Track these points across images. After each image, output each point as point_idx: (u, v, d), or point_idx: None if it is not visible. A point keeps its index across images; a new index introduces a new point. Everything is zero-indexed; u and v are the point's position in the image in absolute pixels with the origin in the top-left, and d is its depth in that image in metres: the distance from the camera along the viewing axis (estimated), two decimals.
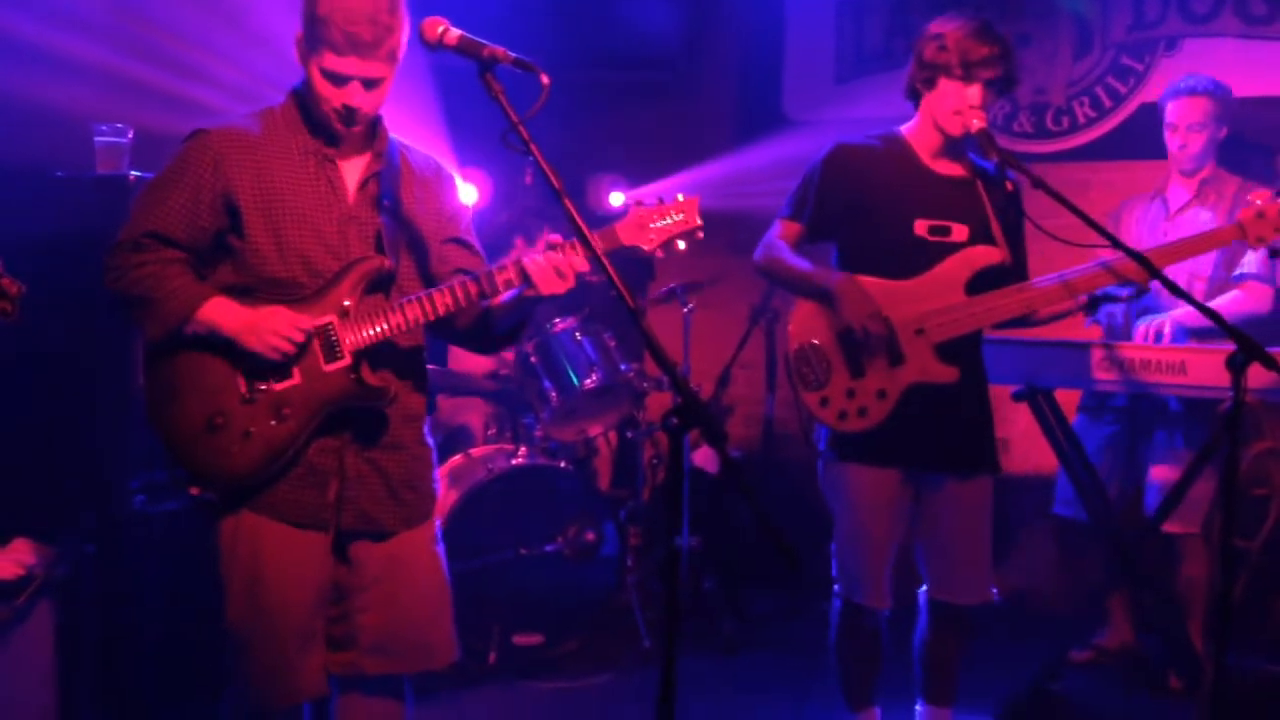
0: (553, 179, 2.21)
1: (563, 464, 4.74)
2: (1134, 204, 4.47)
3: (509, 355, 4.85)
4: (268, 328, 2.47)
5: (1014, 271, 3.22)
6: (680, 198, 2.58)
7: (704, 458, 5.40)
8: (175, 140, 4.10)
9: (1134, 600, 4.31)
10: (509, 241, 5.28)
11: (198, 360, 2.51)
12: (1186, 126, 4.27)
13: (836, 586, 3.29)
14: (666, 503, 2.15)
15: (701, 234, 2.59)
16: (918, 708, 3.42)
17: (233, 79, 4.35)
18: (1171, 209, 4.35)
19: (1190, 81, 4.31)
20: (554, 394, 4.71)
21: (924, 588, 3.33)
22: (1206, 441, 3.61)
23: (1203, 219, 4.23)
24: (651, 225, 2.56)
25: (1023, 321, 3.24)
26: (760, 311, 5.24)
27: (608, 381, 4.77)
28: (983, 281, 3.15)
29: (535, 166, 2.22)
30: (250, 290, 2.54)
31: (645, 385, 5.01)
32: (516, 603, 4.51)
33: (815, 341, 3.17)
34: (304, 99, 2.57)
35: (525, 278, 2.50)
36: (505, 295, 2.57)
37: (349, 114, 2.49)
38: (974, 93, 3.05)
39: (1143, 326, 4.17)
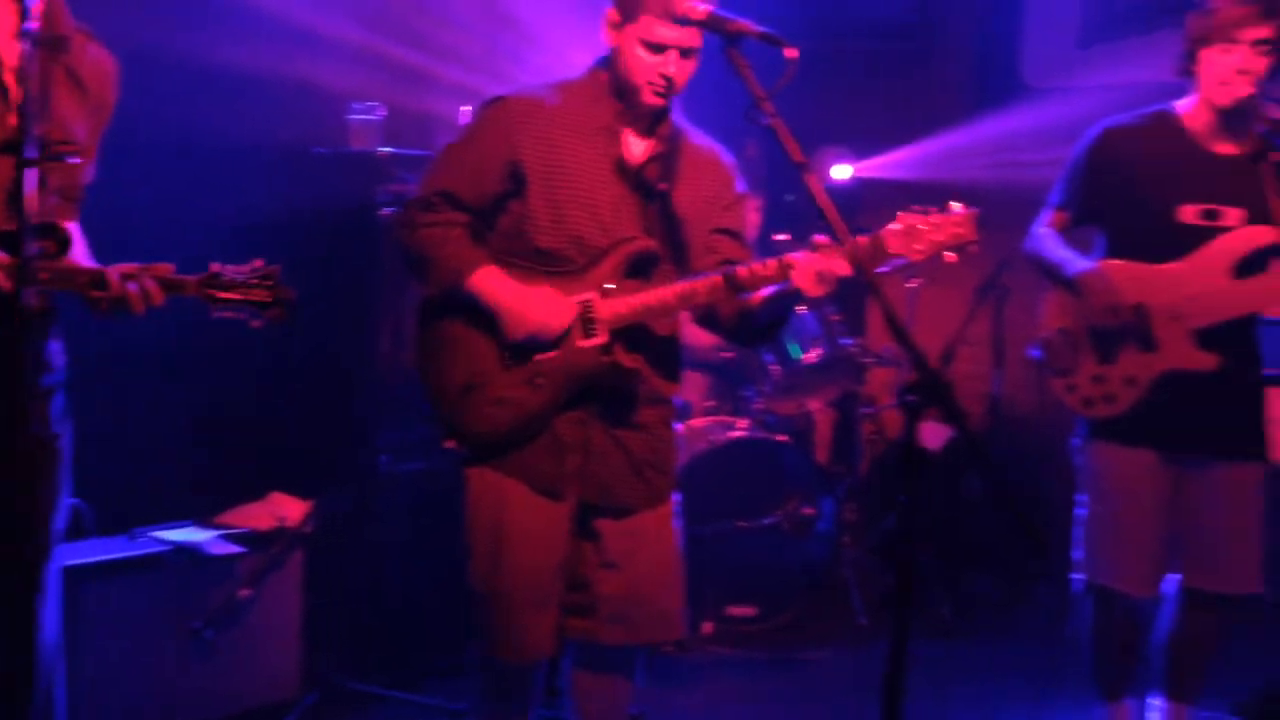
0: (796, 155, 2.20)
1: (782, 437, 4.75)
2: None
3: None
4: (531, 322, 2.54)
5: None
6: (957, 207, 2.45)
7: (926, 435, 5.30)
8: (425, 118, 4.29)
9: None
10: None
11: (465, 322, 2.61)
12: None
13: (1077, 573, 3.21)
14: (899, 480, 2.14)
15: (976, 248, 2.46)
16: (1154, 701, 3.30)
17: (481, 58, 4.49)
18: None
19: None
20: (775, 367, 4.72)
21: (1177, 576, 3.20)
22: None
23: None
24: (923, 236, 2.45)
25: None
26: (988, 288, 5.09)
27: (829, 356, 4.75)
28: (1260, 263, 3.01)
29: (764, 143, 2.21)
30: (519, 258, 2.61)
31: (867, 360, 4.97)
32: (732, 574, 4.55)
33: (1064, 328, 3.18)
34: (609, 73, 2.61)
35: (786, 275, 2.48)
36: (765, 290, 2.57)
37: (667, 84, 2.52)
38: (1238, 57, 2.92)
39: None
